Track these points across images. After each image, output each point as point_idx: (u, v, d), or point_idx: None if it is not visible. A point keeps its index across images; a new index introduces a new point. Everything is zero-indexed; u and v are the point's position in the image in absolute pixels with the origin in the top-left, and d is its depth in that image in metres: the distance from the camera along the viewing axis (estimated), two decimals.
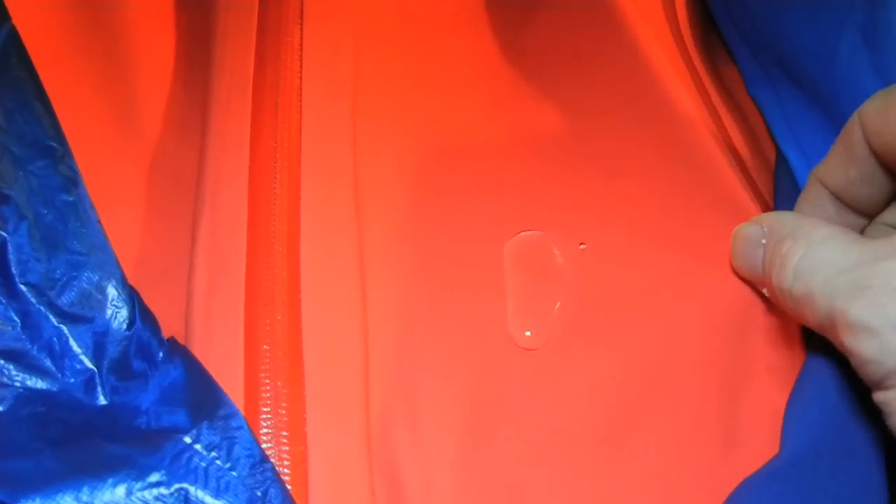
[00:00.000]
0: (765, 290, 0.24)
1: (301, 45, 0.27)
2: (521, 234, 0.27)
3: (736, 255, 0.24)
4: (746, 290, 0.25)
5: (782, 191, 0.27)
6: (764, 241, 0.23)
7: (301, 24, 0.28)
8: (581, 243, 0.26)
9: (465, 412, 0.23)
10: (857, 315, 0.18)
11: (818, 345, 0.23)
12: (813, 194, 0.24)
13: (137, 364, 0.22)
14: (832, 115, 0.26)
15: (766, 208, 0.26)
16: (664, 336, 0.24)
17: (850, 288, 0.19)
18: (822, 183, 0.24)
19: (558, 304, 0.26)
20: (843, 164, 0.23)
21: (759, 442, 0.22)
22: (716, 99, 0.29)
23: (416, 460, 0.22)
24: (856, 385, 0.21)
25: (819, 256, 0.20)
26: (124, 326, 0.23)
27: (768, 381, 0.23)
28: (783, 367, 0.23)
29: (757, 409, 0.23)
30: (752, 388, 0.23)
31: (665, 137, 0.28)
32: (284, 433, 0.21)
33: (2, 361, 0.21)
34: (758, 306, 0.24)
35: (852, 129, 0.22)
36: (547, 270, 0.26)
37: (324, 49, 0.28)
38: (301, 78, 0.27)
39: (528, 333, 0.25)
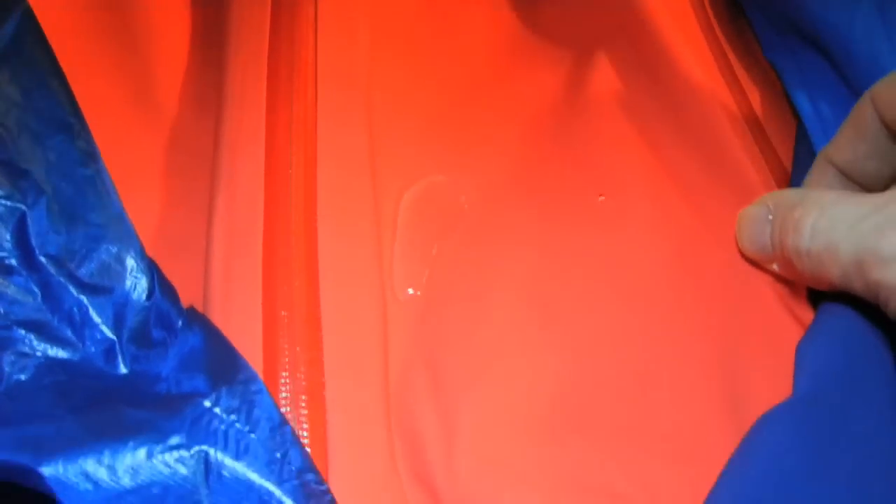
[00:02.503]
0: (774, 266, 0.24)
1: (315, 19, 0.28)
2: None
3: (742, 237, 0.25)
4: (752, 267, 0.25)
5: (800, 155, 0.27)
6: (770, 217, 0.23)
7: (315, 2, 0.28)
8: (600, 195, 0.27)
9: (486, 373, 0.23)
10: (889, 248, 0.19)
11: (828, 304, 0.23)
12: (820, 172, 0.25)
13: (157, 333, 0.22)
14: (849, 83, 0.26)
15: (774, 190, 0.26)
16: (676, 292, 0.25)
17: (876, 227, 0.19)
18: (831, 160, 0.24)
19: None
20: (852, 141, 0.24)
21: (767, 396, 0.22)
22: (738, 67, 0.29)
23: (438, 422, 0.22)
24: (870, 327, 0.21)
25: (836, 212, 0.21)
26: (143, 297, 0.23)
27: (772, 333, 0.24)
28: (789, 322, 0.24)
29: (761, 362, 0.23)
30: (755, 341, 0.24)
31: (679, 113, 0.28)
32: (303, 397, 0.21)
33: (23, 332, 0.22)
34: (762, 277, 0.25)
35: (864, 107, 0.23)
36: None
37: (338, 23, 0.28)
38: (316, 52, 0.27)
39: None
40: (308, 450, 0.20)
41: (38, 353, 0.22)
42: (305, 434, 0.20)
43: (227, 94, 0.26)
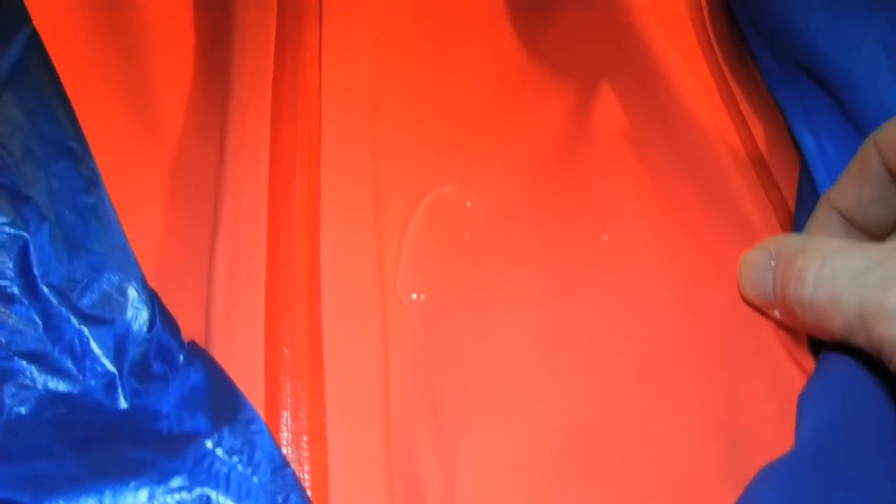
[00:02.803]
0: (776, 313, 0.24)
1: (320, 46, 0.27)
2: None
3: (744, 283, 0.25)
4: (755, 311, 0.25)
5: (804, 194, 0.27)
6: (773, 262, 0.23)
7: (320, 25, 0.28)
8: (603, 233, 0.27)
9: (487, 416, 0.23)
10: (894, 303, 0.19)
11: (830, 354, 0.23)
12: (823, 216, 0.25)
13: (158, 366, 0.22)
14: (852, 119, 0.26)
15: (777, 231, 0.26)
16: (675, 334, 0.25)
17: (881, 281, 0.19)
18: (834, 205, 0.24)
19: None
20: (856, 186, 0.24)
21: (768, 444, 0.22)
22: (742, 101, 0.30)
23: (438, 465, 0.22)
24: (872, 379, 0.21)
25: (839, 262, 0.21)
26: (144, 328, 0.23)
27: (774, 380, 0.24)
28: (791, 369, 0.24)
29: (762, 410, 0.23)
30: (756, 388, 0.24)
31: (682, 148, 0.28)
32: (305, 437, 0.21)
33: (24, 363, 0.22)
34: (765, 321, 0.25)
35: (868, 151, 0.23)
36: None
37: (342, 50, 0.28)
38: (320, 79, 0.27)
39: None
40: (309, 492, 0.20)
41: (39, 386, 0.22)
42: (306, 476, 0.20)
43: (230, 120, 0.26)
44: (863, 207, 0.24)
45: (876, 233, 0.24)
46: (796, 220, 0.26)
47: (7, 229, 0.23)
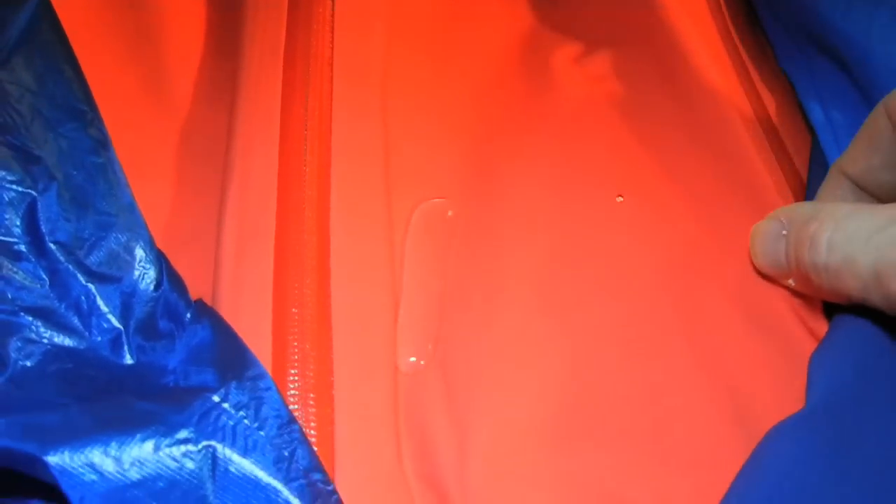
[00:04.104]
0: (790, 282, 0.24)
1: (332, 15, 0.27)
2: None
3: (756, 253, 0.25)
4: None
5: (815, 165, 0.27)
6: (784, 232, 0.23)
7: None
8: (619, 195, 0.27)
9: (499, 378, 0.23)
10: None
11: (843, 316, 0.23)
12: (833, 184, 0.25)
13: (164, 325, 0.22)
14: (864, 92, 0.26)
15: (790, 199, 0.26)
16: (689, 298, 0.25)
17: (893, 239, 0.19)
18: (844, 172, 0.24)
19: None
20: (866, 152, 0.24)
21: (778, 405, 0.22)
22: (754, 74, 0.30)
23: (451, 426, 0.22)
24: (886, 338, 0.21)
25: (852, 225, 0.21)
26: (151, 287, 0.23)
27: (785, 343, 0.24)
28: (802, 333, 0.24)
29: (772, 372, 0.23)
30: (767, 351, 0.24)
31: (696, 119, 0.28)
32: (312, 395, 0.21)
33: (30, 318, 0.21)
34: (778, 288, 0.25)
35: (877, 118, 0.23)
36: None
37: (355, 20, 0.28)
38: (332, 48, 0.27)
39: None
40: (315, 448, 0.20)
41: (45, 341, 0.21)
42: (313, 433, 0.20)
43: (241, 86, 0.26)
44: (873, 173, 0.23)
45: (887, 198, 0.24)
46: (808, 192, 0.26)
47: (15, 187, 0.23)
